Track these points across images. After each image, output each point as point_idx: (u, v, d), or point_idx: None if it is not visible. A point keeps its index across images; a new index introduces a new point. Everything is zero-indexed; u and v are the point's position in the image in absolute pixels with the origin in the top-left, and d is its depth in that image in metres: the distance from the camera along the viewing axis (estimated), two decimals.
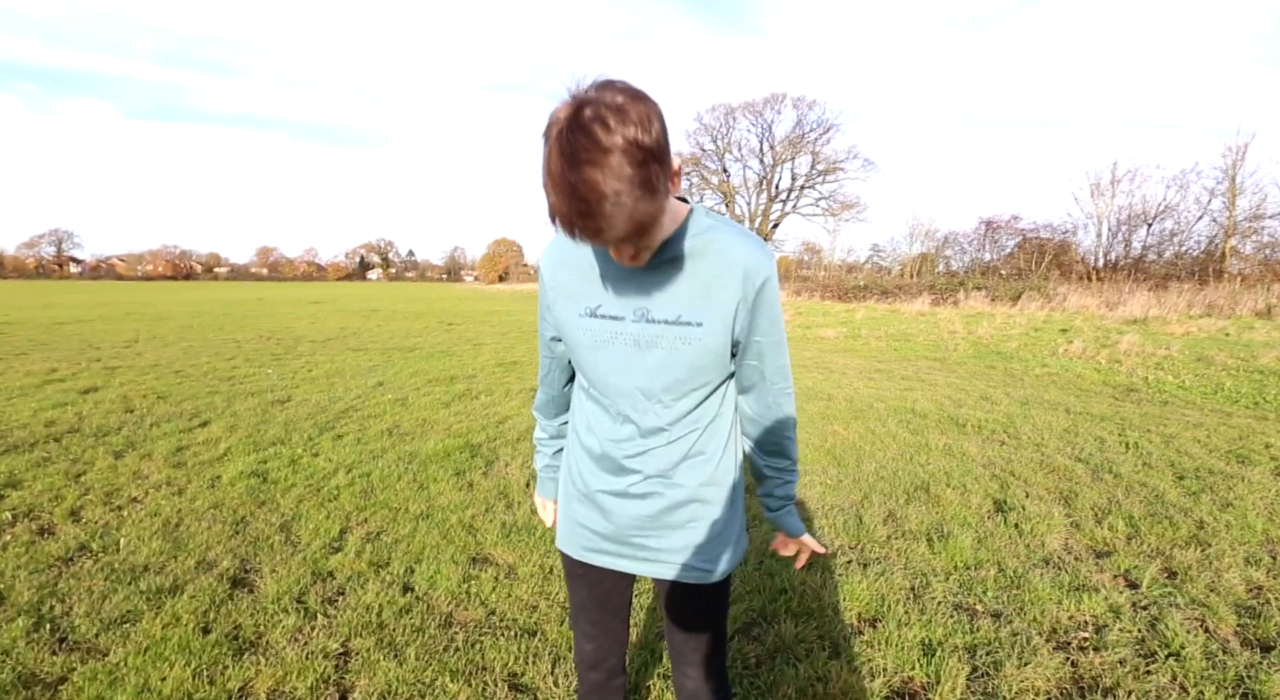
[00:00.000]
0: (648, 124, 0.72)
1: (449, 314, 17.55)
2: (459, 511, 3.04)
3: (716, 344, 0.95)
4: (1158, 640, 2.01)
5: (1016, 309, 17.06)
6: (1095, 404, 5.66)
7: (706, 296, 0.93)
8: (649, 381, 0.98)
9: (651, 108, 0.74)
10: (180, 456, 3.82)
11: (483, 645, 1.98)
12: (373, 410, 5.15)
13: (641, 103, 0.73)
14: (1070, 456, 4.03)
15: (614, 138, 0.70)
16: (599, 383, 1.03)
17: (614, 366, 0.99)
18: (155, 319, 14.07)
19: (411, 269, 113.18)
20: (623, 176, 0.71)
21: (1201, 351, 8.60)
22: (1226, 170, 25.33)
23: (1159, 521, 2.95)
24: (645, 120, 0.72)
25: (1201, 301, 15.74)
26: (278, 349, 8.99)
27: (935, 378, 7.15)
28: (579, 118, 0.71)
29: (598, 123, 0.70)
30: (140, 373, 6.73)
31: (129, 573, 2.37)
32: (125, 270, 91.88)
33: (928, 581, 2.40)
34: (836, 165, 40.48)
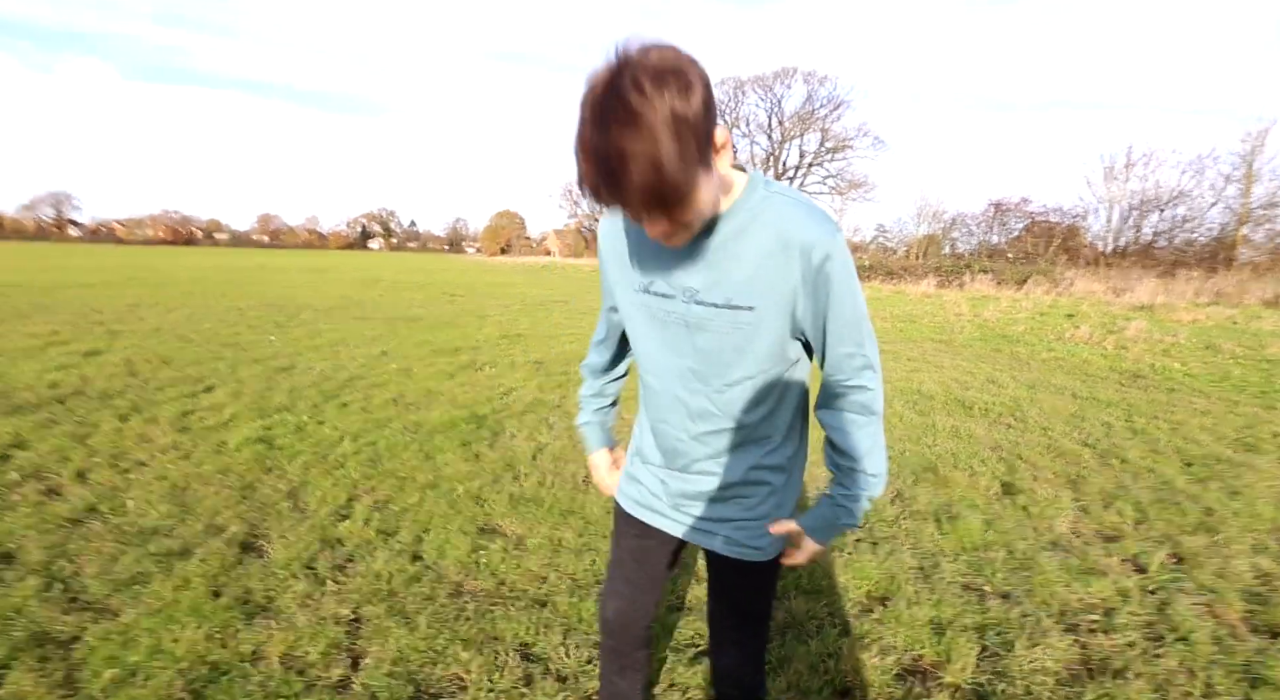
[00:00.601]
0: (687, 92, 0.68)
1: (451, 285, 17.44)
2: (466, 482, 3.04)
3: (771, 331, 0.88)
4: (1166, 624, 2.02)
5: (1023, 293, 16.94)
6: (1102, 389, 5.64)
7: (758, 278, 0.85)
8: (700, 364, 0.93)
9: (695, 74, 0.70)
10: (185, 421, 3.81)
11: (493, 615, 1.98)
12: (377, 379, 5.13)
13: (684, 69, 0.69)
14: (1077, 441, 4.02)
15: (648, 103, 0.66)
16: (648, 360, 0.99)
17: (664, 344, 0.96)
18: (157, 284, 13.99)
19: (413, 239, 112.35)
20: (653, 143, 0.67)
21: (1209, 339, 8.54)
22: (1244, 156, 24.88)
23: (1167, 507, 2.94)
24: (685, 87, 0.68)
25: (1210, 290, 15.61)
26: (280, 316, 8.94)
27: (941, 360, 7.12)
28: (615, 81, 0.67)
29: (633, 87, 0.66)
30: (143, 337, 6.69)
31: (138, 535, 2.37)
32: (125, 234, 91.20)
33: (937, 562, 2.40)
34: (846, 143, 39.84)
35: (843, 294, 0.86)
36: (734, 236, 0.86)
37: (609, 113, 0.67)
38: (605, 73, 0.68)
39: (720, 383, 0.93)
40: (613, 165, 0.68)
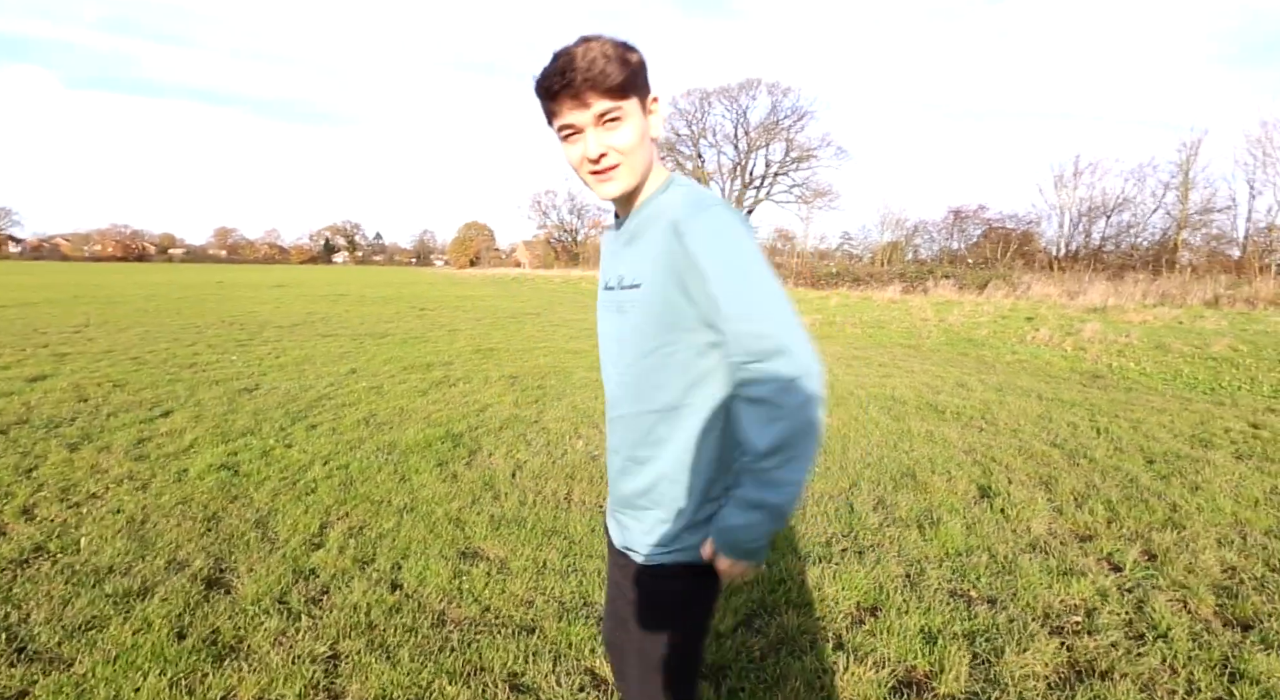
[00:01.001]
0: (627, 45, 0.90)
1: (420, 299, 17.13)
2: (444, 504, 2.95)
3: (653, 309, 0.90)
4: (1145, 622, 2.07)
5: (984, 297, 17.53)
6: (1065, 390, 5.84)
7: (644, 257, 0.93)
8: (615, 351, 1.00)
9: (635, 47, 0.91)
10: (142, 449, 3.62)
11: (479, 644, 1.91)
12: (347, 399, 4.97)
13: (626, 41, 0.90)
14: (1046, 442, 4.13)
15: (596, 38, 0.88)
16: (601, 354, 1.07)
17: (606, 335, 1.04)
18: (107, 302, 13.35)
19: (379, 252, 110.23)
20: (599, 47, 0.87)
21: (1159, 339, 8.96)
22: (1181, 165, 26.37)
23: (1135, 505, 3.04)
24: (626, 43, 0.90)
25: (1155, 291, 16.42)
26: (241, 335, 8.62)
27: (911, 364, 7.28)
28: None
29: (584, 38, 0.89)
30: (93, 359, 6.36)
31: (92, 575, 2.22)
32: (71, 250, 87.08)
33: (922, 569, 2.42)
34: (810, 152, 40.76)
35: (716, 264, 0.84)
36: (646, 224, 0.95)
37: (568, 44, 0.88)
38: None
39: (625, 368, 0.97)
40: (563, 61, 0.86)
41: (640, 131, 0.91)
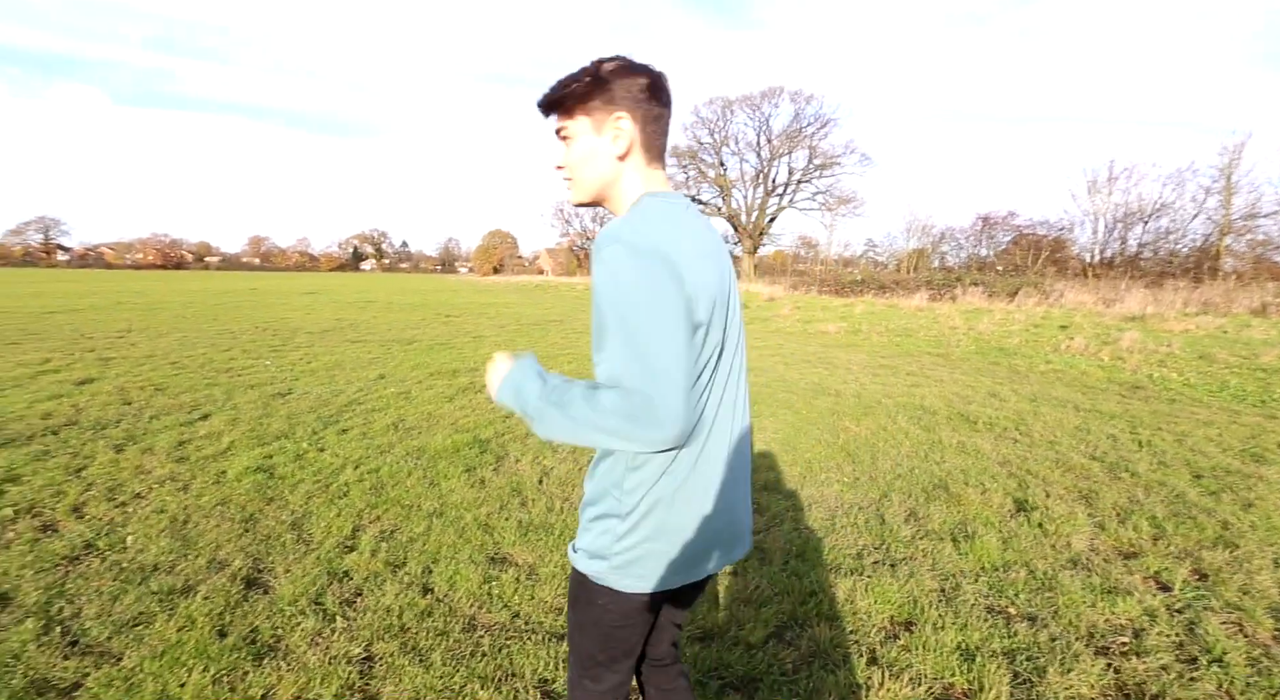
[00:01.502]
0: (616, 71, 0.98)
1: (446, 306, 17.40)
2: (473, 509, 2.97)
3: (592, 326, 0.96)
4: (1198, 645, 1.98)
5: (1014, 305, 17.10)
6: (1103, 401, 5.66)
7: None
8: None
9: (636, 73, 0.99)
10: (182, 451, 3.73)
11: (510, 650, 1.92)
12: (376, 404, 5.06)
13: (631, 64, 1.00)
14: (1085, 455, 4.01)
15: (595, 62, 0.99)
16: None
17: None
18: (147, 309, 13.86)
19: (405, 260, 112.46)
20: (580, 69, 1.00)
21: (1203, 349, 8.63)
22: (1223, 169, 25.44)
23: (1183, 522, 2.92)
24: (619, 68, 0.99)
25: (1197, 299, 15.82)
26: (274, 340, 8.86)
27: (940, 374, 7.13)
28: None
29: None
30: (136, 364, 6.60)
31: (138, 572, 2.29)
32: (114, 258, 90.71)
33: (958, 583, 2.36)
34: (833, 160, 40.39)
35: (599, 299, 0.90)
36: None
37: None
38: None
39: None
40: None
41: (586, 150, 1.00)
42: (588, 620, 1.03)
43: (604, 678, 1.07)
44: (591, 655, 1.05)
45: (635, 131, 0.99)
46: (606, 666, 1.06)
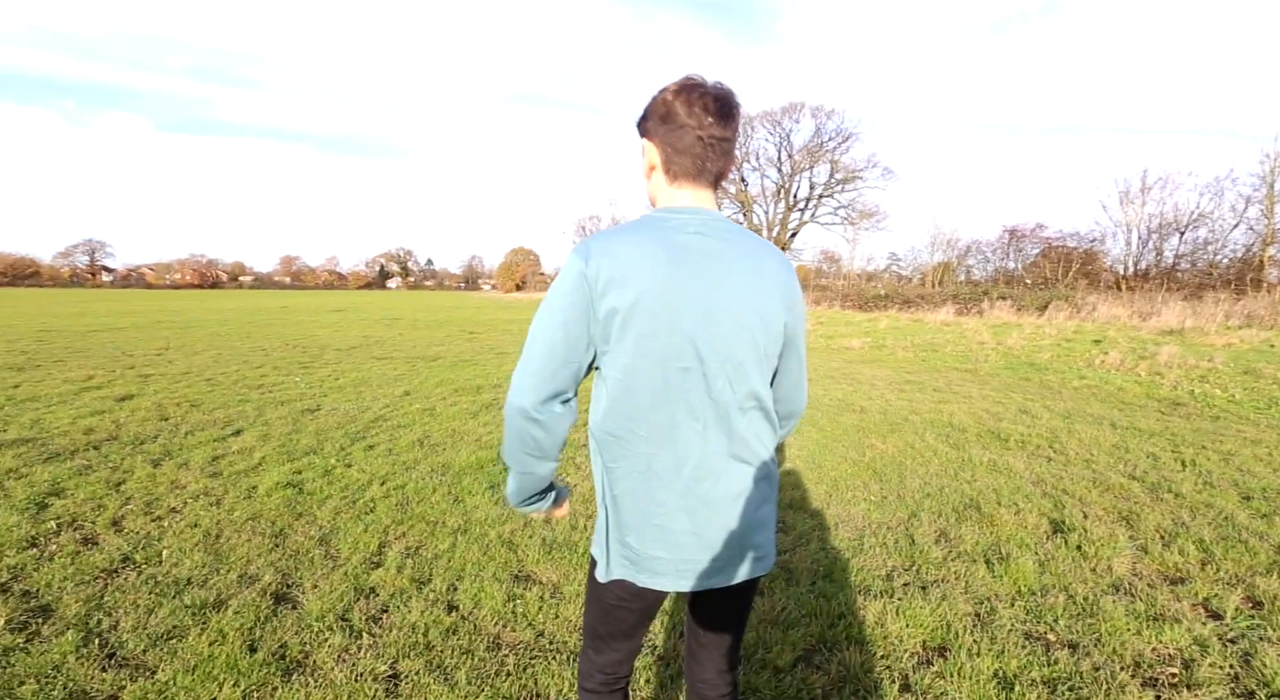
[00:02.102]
0: (664, 89, 1.06)
1: (469, 323, 17.66)
2: (497, 526, 2.98)
3: None
4: (1254, 678, 1.88)
5: (1044, 319, 16.69)
6: (1142, 418, 5.46)
7: None
8: None
9: (663, 99, 1.05)
10: (216, 466, 3.83)
11: (534, 670, 1.91)
12: (401, 420, 5.14)
13: (665, 94, 1.06)
14: (1124, 474, 3.86)
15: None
16: None
17: None
18: (184, 327, 14.35)
19: (430, 278, 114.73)
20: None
21: (1248, 364, 8.29)
22: (1264, 177, 24.67)
23: (1233, 546, 2.79)
24: (669, 87, 1.06)
25: (1240, 312, 15.25)
26: (304, 357, 9.08)
27: (968, 389, 6.97)
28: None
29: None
30: (173, 380, 6.81)
31: (173, 586, 2.34)
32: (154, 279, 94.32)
33: (993, 607, 2.28)
34: (855, 174, 40.21)
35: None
36: None
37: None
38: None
39: None
40: None
41: (643, 166, 1.11)
42: (592, 594, 1.16)
43: (604, 651, 1.18)
44: (593, 626, 1.17)
45: (656, 154, 1.07)
46: (605, 641, 1.17)
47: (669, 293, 0.97)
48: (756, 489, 1.07)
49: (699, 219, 1.03)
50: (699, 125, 1.01)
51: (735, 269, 1.01)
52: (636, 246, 0.98)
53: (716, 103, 1.02)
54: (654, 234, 1.00)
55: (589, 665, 1.21)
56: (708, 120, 1.01)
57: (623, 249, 0.97)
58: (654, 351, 0.97)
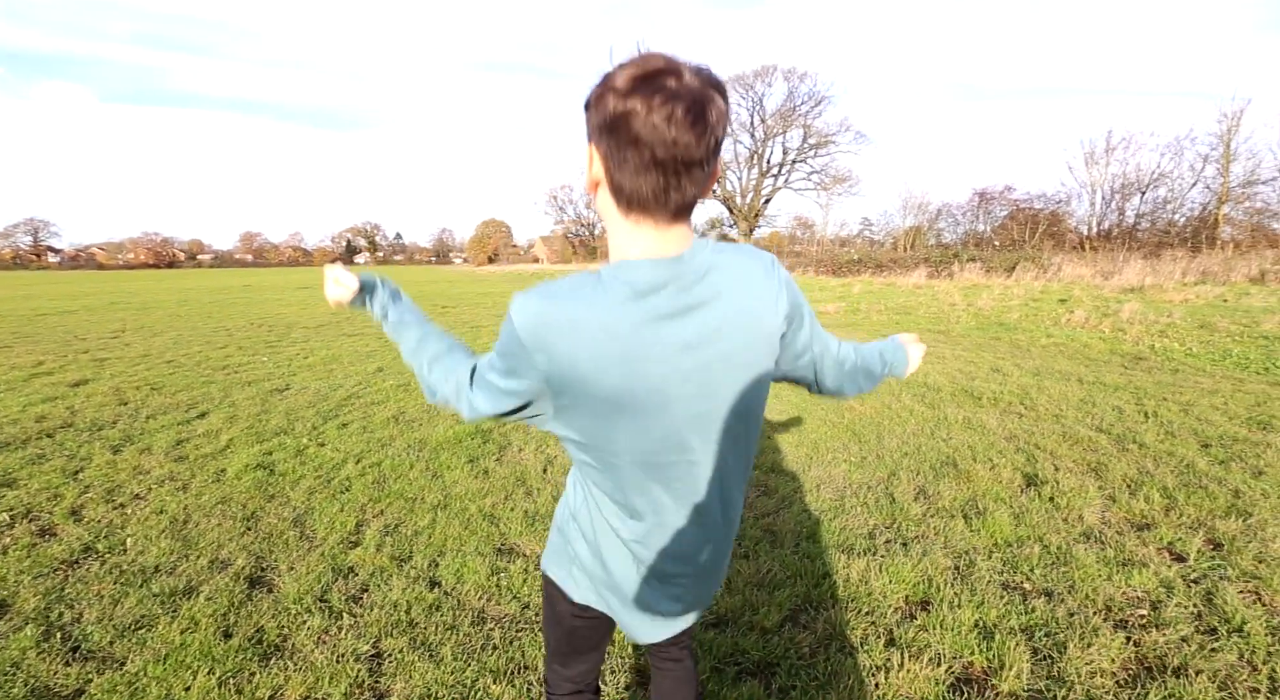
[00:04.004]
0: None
1: (442, 297, 17.29)
2: (477, 500, 2.94)
3: None
4: (1216, 616, 1.96)
5: (1012, 280, 17.04)
6: (1107, 373, 5.63)
7: None
8: None
9: (599, 84, 0.78)
10: (181, 450, 3.68)
11: (521, 642, 1.89)
12: (375, 397, 5.01)
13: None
14: (1091, 427, 3.98)
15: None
16: None
17: None
18: (141, 308, 13.73)
19: (399, 252, 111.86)
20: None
21: (1203, 318, 8.59)
22: (1221, 136, 25.24)
23: (1194, 492, 2.90)
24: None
25: (1196, 269, 15.77)
26: (270, 336, 8.78)
27: (942, 350, 7.09)
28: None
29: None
30: (130, 364, 6.52)
31: (139, 574, 2.25)
32: (106, 259, 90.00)
33: (971, 560, 2.33)
34: (828, 138, 40.01)
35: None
36: None
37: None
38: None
39: None
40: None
41: (586, 179, 1.01)
42: (550, 615, 1.09)
43: (571, 665, 1.12)
44: (557, 646, 1.11)
45: (600, 167, 0.76)
46: (570, 657, 1.11)
47: (633, 396, 0.86)
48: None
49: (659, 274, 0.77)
50: (661, 141, 0.69)
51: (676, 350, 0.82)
52: (602, 347, 0.79)
53: (689, 112, 0.69)
54: (643, 329, 0.78)
55: (556, 676, 1.14)
56: (673, 134, 0.69)
57: (598, 367, 0.79)
58: (592, 434, 0.95)
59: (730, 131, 24.42)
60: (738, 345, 0.83)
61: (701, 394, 0.82)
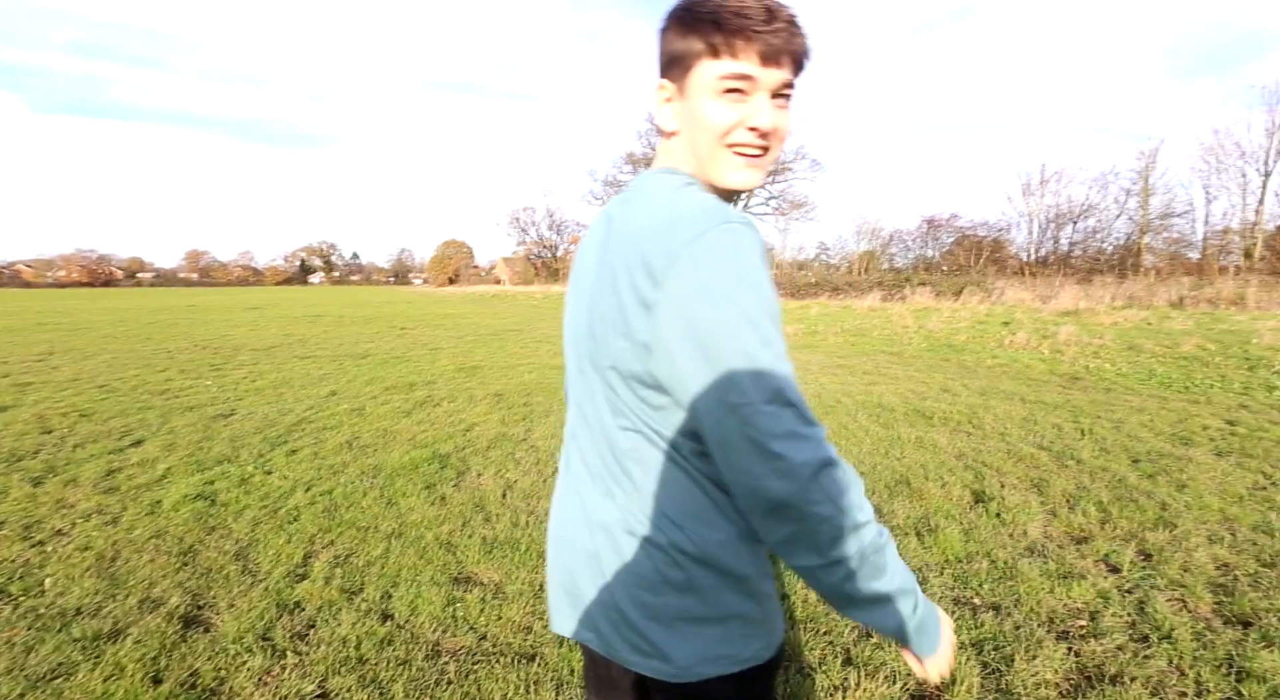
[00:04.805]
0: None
1: (400, 318, 16.90)
2: (434, 528, 2.85)
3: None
4: (1148, 623, 2.07)
5: (960, 303, 17.87)
6: (1046, 393, 5.93)
7: None
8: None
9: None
10: (112, 481, 3.45)
11: (477, 675, 1.83)
12: (327, 422, 4.83)
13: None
14: (1033, 444, 4.17)
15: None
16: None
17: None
18: (71, 329, 12.92)
19: (356, 272, 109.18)
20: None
21: (1131, 340, 9.19)
22: (1140, 172, 27.38)
23: (1126, 505, 3.07)
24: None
25: (1123, 294, 16.91)
26: (215, 359, 8.38)
27: (895, 371, 7.34)
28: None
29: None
30: (57, 388, 6.11)
31: (58, 618, 2.09)
32: (33, 277, 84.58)
33: (924, 577, 2.39)
34: (785, 165, 41.40)
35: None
36: None
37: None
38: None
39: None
40: (769, 2, 0.70)
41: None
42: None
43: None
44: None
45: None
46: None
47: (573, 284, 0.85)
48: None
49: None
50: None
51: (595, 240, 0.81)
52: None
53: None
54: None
55: None
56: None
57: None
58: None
59: None
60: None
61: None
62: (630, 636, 0.76)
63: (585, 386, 0.79)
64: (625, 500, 0.76)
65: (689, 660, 0.74)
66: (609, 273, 0.72)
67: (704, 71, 0.71)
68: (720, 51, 0.69)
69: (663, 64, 0.75)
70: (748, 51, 0.69)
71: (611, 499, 0.77)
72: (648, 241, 0.67)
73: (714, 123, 0.71)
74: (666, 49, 0.74)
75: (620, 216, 0.75)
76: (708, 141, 0.72)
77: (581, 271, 0.81)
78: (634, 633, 0.75)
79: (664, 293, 0.65)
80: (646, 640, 0.75)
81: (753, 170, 0.74)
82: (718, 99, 0.71)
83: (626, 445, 0.75)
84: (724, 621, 0.74)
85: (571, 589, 0.82)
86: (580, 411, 0.82)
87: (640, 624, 0.75)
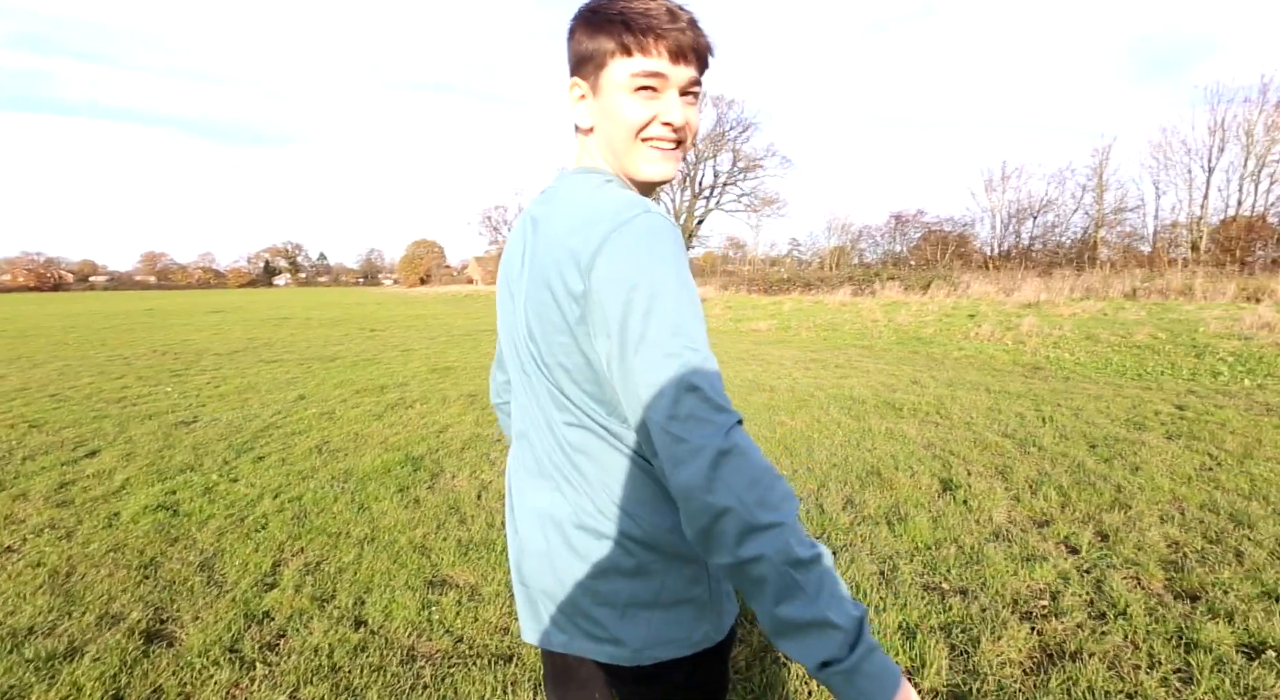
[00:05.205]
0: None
1: (370, 319, 16.56)
2: (407, 531, 2.81)
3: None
4: (1105, 601, 2.16)
5: (928, 297, 18.30)
6: (1010, 382, 6.12)
7: None
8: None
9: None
10: (65, 493, 3.31)
11: (454, 679, 1.81)
12: (296, 427, 4.72)
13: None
14: (998, 433, 4.31)
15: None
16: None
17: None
18: (18, 336, 12.33)
19: (324, 273, 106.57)
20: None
21: (1088, 331, 9.54)
22: (1095, 169, 28.42)
23: (1084, 489, 3.19)
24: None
25: (1080, 286, 17.53)
26: (176, 364, 8.10)
27: (866, 364, 7.49)
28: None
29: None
30: (4, 398, 5.83)
31: (9, 639, 2.00)
32: None
33: (895, 564, 2.45)
34: (756, 163, 41.79)
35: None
36: None
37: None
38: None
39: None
40: (672, 5, 0.74)
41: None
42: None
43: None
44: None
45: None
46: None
47: (503, 276, 0.88)
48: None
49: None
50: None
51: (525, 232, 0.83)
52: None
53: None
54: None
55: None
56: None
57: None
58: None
59: None
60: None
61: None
62: (584, 624, 0.78)
63: (530, 388, 0.81)
64: (575, 495, 0.78)
65: (640, 643, 0.76)
66: (540, 275, 0.74)
67: (617, 69, 0.73)
68: (632, 49, 0.72)
69: (574, 63, 0.78)
70: (658, 48, 0.72)
71: (562, 494, 0.79)
72: (573, 239, 0.70)
73: (629, 119, 0.74)
74: (576, 49, 0.77)
75: (544, 217, 0.77)
76: (623, 137, 0.75)
77: (509, 275, 0.84)
78: (587, 620, 0.78)
79: (590, 282, 0.67)
80: (600, 626, 0.77)
81: (667, 163, 0.77)
82: (631, 96, 0.74)
83: (575, 440, 0.77)
84: (674, 606, 0.76)
85: (532, 596, 0.84)
86: (527, 412, 0.84)
87: (593, 611, 0.77)
